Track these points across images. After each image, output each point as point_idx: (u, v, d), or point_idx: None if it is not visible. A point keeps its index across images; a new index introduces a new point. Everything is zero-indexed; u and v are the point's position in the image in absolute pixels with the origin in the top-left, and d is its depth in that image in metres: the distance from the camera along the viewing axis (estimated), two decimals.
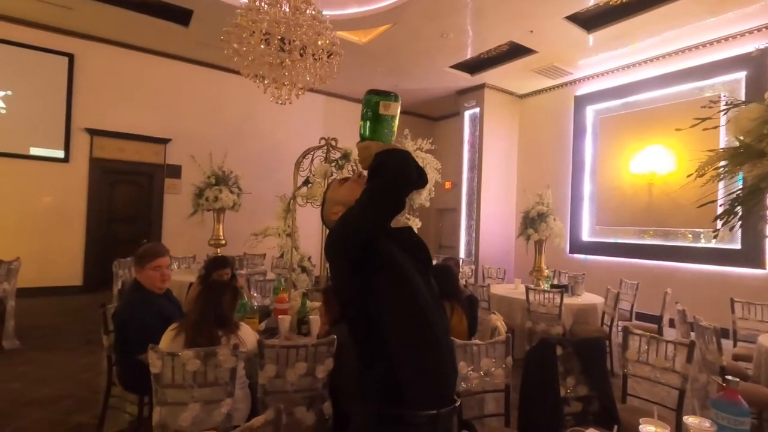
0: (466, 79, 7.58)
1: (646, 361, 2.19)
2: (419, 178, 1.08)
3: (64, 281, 6.37)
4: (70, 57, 6.37)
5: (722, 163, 1.28)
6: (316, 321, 2.41)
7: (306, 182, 2.71)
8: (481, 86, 7.80)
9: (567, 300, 3.97)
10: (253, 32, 3.28)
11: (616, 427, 1.15)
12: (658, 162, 6.04)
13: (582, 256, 7.07)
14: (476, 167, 7.91)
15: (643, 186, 6.20)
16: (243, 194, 5.26)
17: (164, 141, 7.09)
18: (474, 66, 7.18)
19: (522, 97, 8.32)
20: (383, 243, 1.05)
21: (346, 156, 2.79)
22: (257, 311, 2.48)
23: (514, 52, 6.52)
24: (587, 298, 4.43)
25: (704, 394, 2.63)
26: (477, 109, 7.97)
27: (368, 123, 1.17)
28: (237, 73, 3.97)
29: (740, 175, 1.51)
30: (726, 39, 5.55)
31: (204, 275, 3.10)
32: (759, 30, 5.31)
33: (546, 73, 7.18)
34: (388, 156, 1.04)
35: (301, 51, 3.66)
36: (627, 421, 2.00)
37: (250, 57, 3.37)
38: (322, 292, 2.16)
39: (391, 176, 1.00)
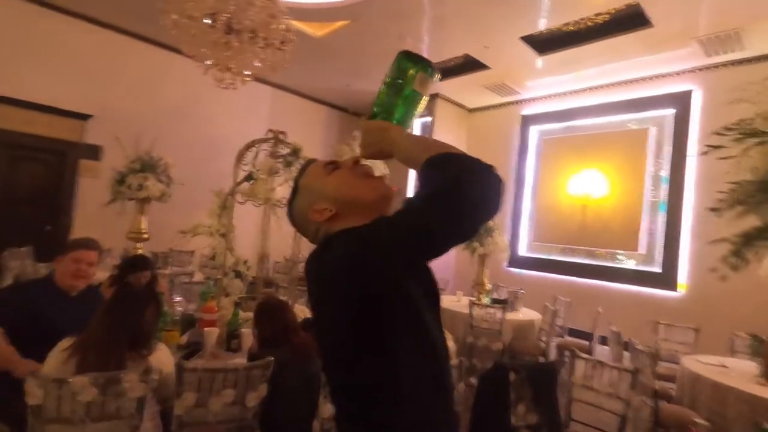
0: None
1: (590, 387, 2.18)
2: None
3: None
4: None
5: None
6: (248, 335, 2.13)
7: (248, 178, 2.41)
8: (434, 96, 7.82)
9: (507, 315, 4.00)
10: (197, 2, 2.92)
11: None
12: (593, 186, 6.38)
13: (518, 270, 7.29)
14: None
15: (578, 207, 6.52)
16: (174, 184, 4.76)
17: (84, 117, 6.26)
18: None
19: (471, 111, 8.48)
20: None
21: (295, 152, 2.54)
22: (179, 322, 2.14)
23: (469, 65, 6.59)
24: (525, 313, 4.51)
25: (636, 415, 2.70)
26: (429, 118, 7.97)
27: (395, 98, 0.83)
28: (177, 51, 3.57)
29: None
30: (658, 77, 6.00)
31: (117, 276, 2.68)
32: (684, 72, 5.80)
33: (496, 90, 7.36)
34: (472, 168, 0.69)
35: (251, 34, 3.34)
36: None
37: (192, 32, 2.99)
38: (255, 307, 1.89)
39: (474, 202, 0.65)
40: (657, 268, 5.66)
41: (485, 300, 4.53)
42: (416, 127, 8.17)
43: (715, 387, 2.59)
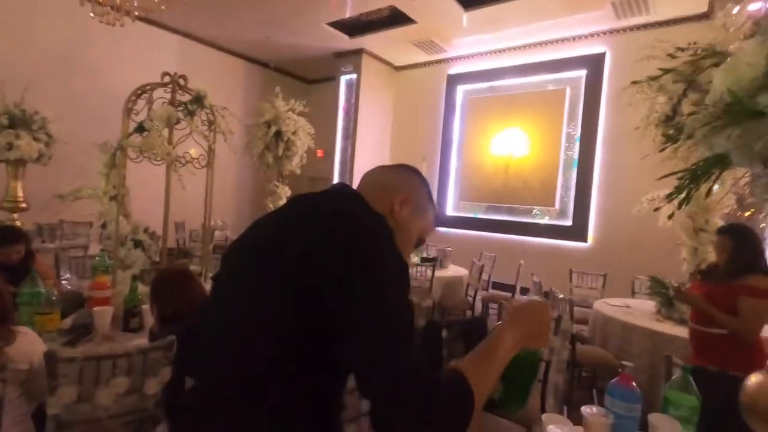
0: (343, 41, 7.14)
1: None
2: None
3: None
4: None
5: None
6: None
7: (140, 129, 2.03)
8: (359, 51, 7.46)
9: (436, 273, 4.04)
10: None
11: None
12: (515, 145, 6.60)
13: (445, 230, 7.46)
14: (351, 136, 7.64)
15: (501, 166, 6.73)
16: (56, 144, 4.04)
17: None
18: (353, 27, 6.76)
19: (398, 68, 8.25)
20: None
21: (198, 99, 2.17)
22: (58, 302, 1.79)
23: (395, 19, 6.31)
24: (453, 270, 4.60)
25: (558, 358, 2.86)
26: (354, 75, 7.63)
27: (528, 383, 0.86)
28: None
29: None
30: (574, 39, 6.20)
31: None
32: (598, 35, 6.06)
33: (422, 47, 7.18)
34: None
35: None
36: None
37: None
38: (151, 281, 1.61)
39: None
40: (569, 222, 6.08)
41: (416, 259, 4.54)
42: (341, 84, 7.79)
43: (622, 326, 2.82)
